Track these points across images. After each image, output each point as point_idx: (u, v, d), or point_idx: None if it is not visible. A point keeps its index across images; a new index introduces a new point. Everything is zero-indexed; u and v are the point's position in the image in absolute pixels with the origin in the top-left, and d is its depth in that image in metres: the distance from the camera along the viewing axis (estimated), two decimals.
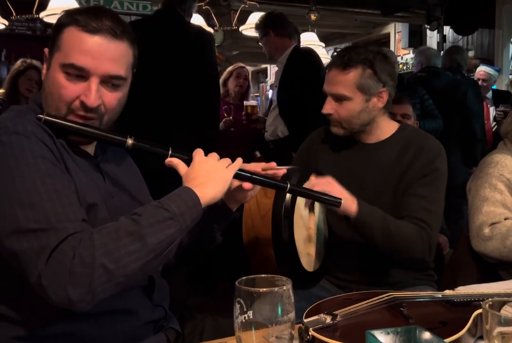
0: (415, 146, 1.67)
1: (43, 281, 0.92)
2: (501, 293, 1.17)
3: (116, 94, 1.15)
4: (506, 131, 1.97)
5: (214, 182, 1.09)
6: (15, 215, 0.95)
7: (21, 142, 1.02)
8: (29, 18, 5.15)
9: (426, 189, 1.60)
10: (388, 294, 1.17)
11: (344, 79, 1.63)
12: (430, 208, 1.59)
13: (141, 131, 1.23)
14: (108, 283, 0.93)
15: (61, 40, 1.11)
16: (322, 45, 6.03)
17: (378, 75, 1.63)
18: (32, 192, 0.97)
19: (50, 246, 0.93)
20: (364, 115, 1.66)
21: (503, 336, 0.82)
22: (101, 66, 1.09)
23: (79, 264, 0.91)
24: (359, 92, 1.63)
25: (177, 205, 1.01)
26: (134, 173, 1.34)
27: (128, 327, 1.13)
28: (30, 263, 0.93)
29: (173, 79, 2.74)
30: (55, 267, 0.91)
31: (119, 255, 0.94)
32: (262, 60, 3.68)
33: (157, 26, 2.82)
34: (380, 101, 1.66)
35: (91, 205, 1.09)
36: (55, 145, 1.07)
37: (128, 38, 1.14)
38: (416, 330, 0.76)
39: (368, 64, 1.62)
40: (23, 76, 3.70)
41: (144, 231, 0.96)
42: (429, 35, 7.46)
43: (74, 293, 0.91)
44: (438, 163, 1.64)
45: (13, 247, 0.95)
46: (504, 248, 1.79)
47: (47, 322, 1.06)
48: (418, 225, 1.55)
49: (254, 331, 0.80)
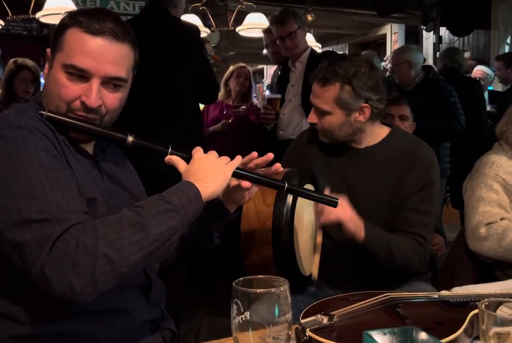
0: (407, 152, 1.68)
1: (46, 271, 0.92)
2: (497, 294, 1.17)
3: (117, 95, 1.16)
4: (501, 131, 1.98)
5: (214, 177, 1.10)
6: (18, 207, 0.96)
7: (24, 136, 1.03)
8: (25, 18, 5.13)
9: (422, 203, 1.65)
10: (384, 295, 1.17)
11: (323, 94, 1.65)
12: (426, 221, 1.65)
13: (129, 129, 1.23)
14: (111, 273, 0.94)
15: (64, 41, 1.12)
16: (319, 46, 6.04)
17: (357, 92, 1.62)
18: (35, 184, 0.98)
19: (53, 236, 0.93)
20: (345, 128, 1.67)
21: (499, 336, 0.83)
22: (102, 67, 1.10)
23: (82, 254, 0.92)
24: (338, 108, 1.64)
25: (178, 198, 1.02)
26: (131, 174, 1.35)
27: (126, 326, 1.14)
28: (33, 253, 0.93)
29: (160, 75, 2.73)
30: (58, 256, 0.92)
31: (121, 245, 0.94)
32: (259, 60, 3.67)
33: (143, 23, 2.81)
34: (361, 116, 1.65)
35: (91, 200, 1.10)
36: (56, 139, 1.08)
37: (129, 40, 1.15)
38: (413, 330, 0.76)
39: (346, 81, 1.61)
40: (17, 78, 3.71)
41: (147, 222, 0.97)
42: (425, 36, 7.49)
43: (77, 283, 0.91)
44: (432, 174, 1.67)
45: (16, 238, 0.95)
46: (500, 248, 1.79)
47: (45, 321, 1.06)
48: (416, 241, 1.61)
49: (251, 331, 0.80)
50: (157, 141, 1.17)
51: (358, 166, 1.70)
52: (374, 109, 1.65)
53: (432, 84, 3.59)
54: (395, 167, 1.67)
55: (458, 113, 3.48)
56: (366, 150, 1.73)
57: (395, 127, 1.81)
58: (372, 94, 1.63)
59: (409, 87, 3.66)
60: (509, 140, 1.93)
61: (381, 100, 1.67)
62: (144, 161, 1.32)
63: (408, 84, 3.67)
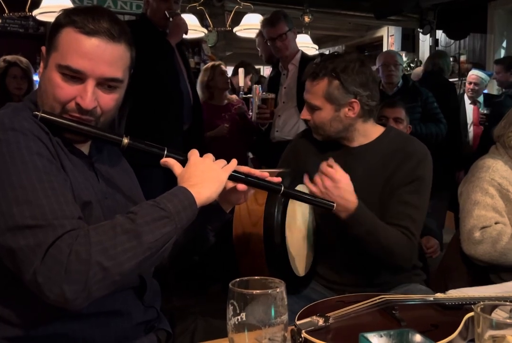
0: (401, 150, 1.69)
1: (39, 278, 0.91)
2: (492, 297, 1.18)
3: (112, 96, 1.14)
4: (498, 135, 1.98)
5: (209, 182, 1.09)
6: (11, 212, 0.95)
7: (18, 139, 1.01)
8: (22, 16, 5.11)
9: (411, 196, 1.64)
10: (380, 297, 1.17)
11: (314, 89, 1.68)
12: (414, 216, 1.63)
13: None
14: (104, 281, 0.93)
15: (58, 41, 1.10)
16: (316, 48, 6.04)
17: (346, 87, 1.64)
18: (29, 189, 0.96)
19: (46, 242, 0.92)
20: (336, 123, 1.69)
21: (494, 339, 0.83)
22: (97, 68, 1.09)
23: (75, 261, 0.91)
24: (327, 103, 1.67)
25: (173, 204, 1.01)
26: (128, 175, 1.34)
27: (120, 328, 1.13)
28: (26, 260, 0.92)
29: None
30: (51, 264, 0.91)
31: (115, 252, 0.93)
32: (255, 61, 3.66)
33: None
34: (351, 111, 1.67)
35: (86, 203, 1.09)
36: (51, 142, 1.07)
37: (125, 40, 1.13)
38: (409, 333, 0.76)
39: (334, 76, 1.64)
40: (7, 76, 3.69)
41: (140, 229, 0.96)
42: (422, 39, 7.51)
43: (69, 290, 0.90)
44: (422, 169, 1.67)
45: (9, 244, 0.94)
46: (495, 252, 1.80)
47: (39, 322, 1.05)
48: (404, 235, 1.60)
49: (247, 333, 0.80)
50: (153, 144, 1.16)
51: (351, 164, 1.71)
52: (364, 105, 1.67)
53: (411, 89, 3.72)
54: (387, 165, 1.68)
55: (441, 117, 3.62)
56: (359, 148, 1.74)
57: (390, 127, 1.82)
58: (361, 89, 1.65)
59: (390, 92, 3.75)
60: (506, 144, 1.93)
61: (371, 97, 1.68)
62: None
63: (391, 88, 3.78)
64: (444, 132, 3.58)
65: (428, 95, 3.66)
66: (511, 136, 1.92)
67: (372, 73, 1.71)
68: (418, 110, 3.59)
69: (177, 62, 2.96)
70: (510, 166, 1.91)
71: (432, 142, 3.49)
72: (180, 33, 2.90)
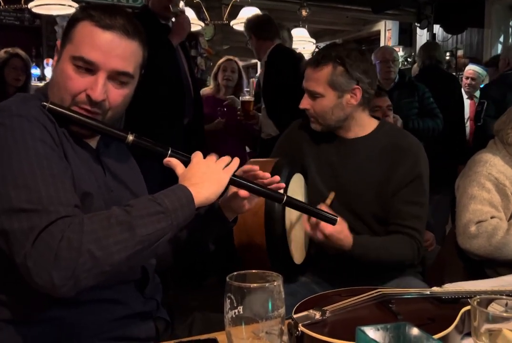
0: (395, 145, 1.70)
1: (28, 263, 0.91)
2: (488, 291, 1.18)
3: (122, 91, 1.15)
4: (498, 129, 1.98)
5: (209, 183, 1.10)
6: (8, 195, 0.96)
7: (22, 125, 1.02)
8: (17, 8, 5.09)
9: (413, 195, 1.66)
10: (377, 291, 1.17)
11: (316, 76, 1.68)
12: (418, 214, 1.66)
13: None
14: (93, 270, 0.93)
15: (74, 33, 1.13)
16: (313, 41, 6.04)
17: (350, 73, 1.65)
18: (28, 174, 0.97)
19: (39, 226, 0.92)
20: (338, 111, 1.69)
21: (491, 333, 0.84)
22: (109, 61, 1.10)
23: (66, 248, 0.91)
24: (330, 89, 1.67)
25: (170, 201, 1.02)
26: (134, 171, 1.35)
27: (117, 316, 1.14)
28: (18, 243, 0.93)
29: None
30: (42, 248, 0.91)
31: (107, 243, 0.93)
32: (253, 55, 3.65)
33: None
34: (353, 98, 1.68)
35: (86, 194, 1.09)
36: (56, 131, 1.08)
37: (139, 38, 1.16)
38: (405, 326, 0.76)
39: (339, 62, 1.64)
40: (7, 66, 3.68)
41: (135, 222, 0.96)
42: (419, 33, 7.49)
43: (57, 277, 0.90)
44: (420, 167, 1.69)
45: (3, 226, 0.95)
46: (490, 246, 1.81)
47: (35, 306, 1.06)
48: (409, 235, 1.63)
49: (244, 326, 0.80)
50: (158, 142, 1.16)
51: (345, 155, 1.72)
52: (365, 93, 1.68)
53: (408, 85, 3.71)
54: (383, 160, 1.70)
55: (438, 112, 3.61)
56: (354, 140, 1.75)
57: (383, 121, 1.84)
58: (364, 76, 1.67)
59: (387, 87, 3.74)
60: (504, 139, 1.93)
61: (371, 85, 1.70)
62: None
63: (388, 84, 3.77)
64: (440, 127, 3.58)
65: (424, 91, 3.65)
66: (510, 133, 1.92)
67: (372, 62, 1.74)
68: (415, 105, 3.59)
69: (179, 54, 2.95)
70: (507, 161, 1.91)
71: (429, 137, 3.50)
72: (183, 33, 2.91)
